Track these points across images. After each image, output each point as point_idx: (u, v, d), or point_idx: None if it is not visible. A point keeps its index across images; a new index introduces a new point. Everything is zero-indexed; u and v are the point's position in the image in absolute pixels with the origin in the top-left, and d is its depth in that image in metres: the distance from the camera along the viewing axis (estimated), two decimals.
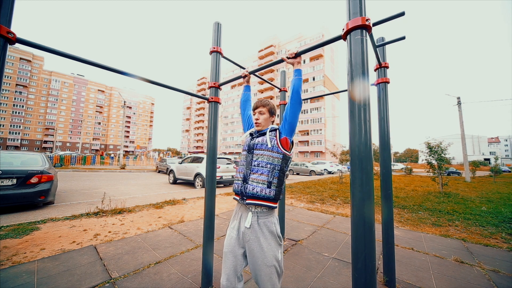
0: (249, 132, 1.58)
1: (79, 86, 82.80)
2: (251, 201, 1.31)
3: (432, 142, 8.37)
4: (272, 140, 1.37)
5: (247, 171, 1.37)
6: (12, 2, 1.10)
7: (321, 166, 23.77)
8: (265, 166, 1.32)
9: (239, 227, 1.36)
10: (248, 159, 1.40)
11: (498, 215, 4.92)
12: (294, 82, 1.39)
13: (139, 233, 3.42)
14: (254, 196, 1.30)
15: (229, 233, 1.40)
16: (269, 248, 1.26)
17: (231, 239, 1.36)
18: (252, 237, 1.29)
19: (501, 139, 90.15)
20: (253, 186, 1.31)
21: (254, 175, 1.33)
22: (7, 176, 4.21)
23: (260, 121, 1.48)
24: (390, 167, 2.16)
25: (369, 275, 0.96)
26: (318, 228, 3.90)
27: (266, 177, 1.30)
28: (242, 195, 1.35)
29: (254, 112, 1.54)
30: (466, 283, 2.21)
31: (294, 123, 1.37)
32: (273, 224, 1.32)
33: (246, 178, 1.36)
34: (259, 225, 1.30)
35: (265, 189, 1.29)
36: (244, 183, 1.36)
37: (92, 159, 22.39)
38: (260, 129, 1.49)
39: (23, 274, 2.14)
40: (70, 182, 9.72)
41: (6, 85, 64.70)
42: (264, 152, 1.35)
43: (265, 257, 1.25)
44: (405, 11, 1.48)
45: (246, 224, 1.30)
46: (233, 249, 1.34)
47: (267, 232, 1.29)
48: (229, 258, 1.33)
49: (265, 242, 1.27)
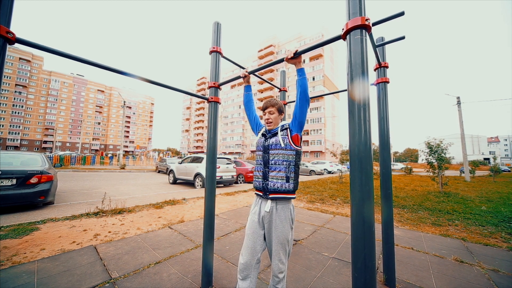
0: (261, 133, 1.69)
1: (78, 86, 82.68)
2: (273, 195, 1.47)
3: (432, 142, 8.34)
4: (284, 140, 1.50)
5: (266, 170, 1.52)
6: (12, 2, 1.10)
7: (321, 166, 23.76)
8: (281, 164, 1.48)
9: (259, 212, 1.54)
10: (265, 158, 1.55)
11: (498, 214, 4.93)
12: (300, 82, 1.48)
13: (139, 233, 3.41)
14: (276, 191, 1.46)
15: (250, 217, 1.58)
16: (282, 230, 1.45)
17: (252, 222, 1.54)
18: (271, 219, 1.48)
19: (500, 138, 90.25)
20: (273, 182, 1.47)
21: (273, 172, 1.49)
22: (7, 176, 4.20)
23: (271, 120, 1.60)
24: (390, 166, 2.16)
25: (369, 274, 0.96)
26: (318, 228, 3.90)
27: (284, 173, 1.47)
28: (265, 191, 1.50)
29: (264, 112, 1.63)
30: (465, 283, 2.21)
31: (304, 120, 1.51)
32: (288, 210, 1.49)
33: (266, 175, 1.51)
34: (277, 210, 1.47)
35: (285, 184, 1.46)
36: (264, 180, 1.51)
37: (92, 159, 22.37)
38: (272, 128, 1.60)
39: (23, 274, 2.13)
40: (70, 182, 9.71)
41: (5, 85, 64.60)
42: (279, 151, 1.50)
43: (278, 236, 1.45)
44: (404, 11, 1.48)
45: (266, 209, 1.48)
46: (254, 230, 1.52)
47: (283, 216, 1.47)
48: (250, 239, 1.51)
49: (280, 224, 1.45)
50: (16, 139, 68.58)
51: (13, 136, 68.18)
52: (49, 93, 75.40)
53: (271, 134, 1.59)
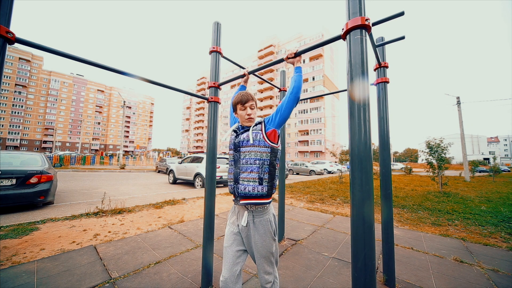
0: (232, 129, 1.50)
1: (78, 86, 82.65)
2: (244, 201, 1.30)
3: (432, 142, 8.33)
4: (257, 135, 1.33)
5: (237, 171, 1.35)
6: (11, 1, 1.10)
7: (321, 166, 23.75)
8: (253, 163, 1.29)
9: (237, 224, 1.39)
10: (236, 158, 1.38)
11: (498, 214, 4.93)
12: (296, 79, 1.38)
13: (139, 233, 3.41)
14: (247, 195, 1.28)
15: (228, 228, 1.43)
16: (263, 245, 1.31)
17: (231, 234, 1.39)
18: (249, 234, 1.34)
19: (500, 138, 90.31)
20: (244, 185, 1.29)
21: (244, 173, 1.31)
22: (7, 176, 4.20)
23: (253, 116, 1.42)
24: (390, 166, 2.16)
25: (369, 274, 0.96)
26: (318, 228, 3.90)
27: (257, 174, 1.28)
28: (236, 196, 1.34)
29: (244, 106, 1.42)
30: (465, 283, 2.22)
31: (287, 117, 1.36)
32: (268, 222, 1.33)
33: (237, 178, 1.34)
34: (255, 224, 1.32)
35: (257, 187, 1.27)
36: (235, 183, 1.34)
37: (92, 159, 22.36)
38: (251, 124, 1.42)
39: (23, 274, 2.13)
40: (70, 182, 9.71)
41: (5, 85, 64.53)
42: (250, 148, 1.32)
43: (259, 251, 1.32)
44: (404, 11, 1.48)
45: (243, 223, 1.33)
46: (232, 243, 1.37)
47: (262, 231, 1.31)
48: (228, 253, 1.36)
49: (259, 239, 1.31)
50: (16, 139, 68.55)
51: (13, 136, 68.15)
52: (49, 93, 75.37)
53: (243, 130, 1.41)
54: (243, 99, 1.41)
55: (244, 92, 1.46)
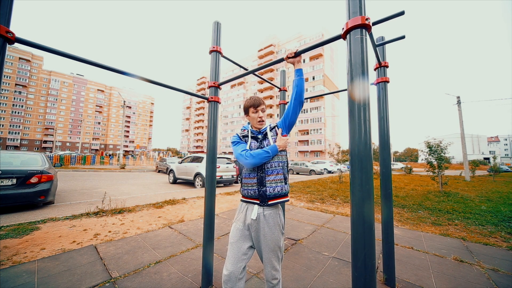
0: (250, 137, 1.53)
1: (78, 86, 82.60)
2: (273, 201, 1.38)
3: (432, 141, 8.34)
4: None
5: (262, 175, 1.41)
6: (11, 1, 1.10)
7: (321, 166, 23.77)
8: (278, 166, 1.43)
9: (245, 220, 1.44)
10: None
11: (498, 214, 4.93)
12: (297, 83, 1.43)
13: (139, 233, 3.42)
14: (276, 195, 1.38)
15: (234, 225, 1.48)
16: (272, 237, 1.37)
17: (237, 230, 1.44)
18: (258, 227, 1.39)
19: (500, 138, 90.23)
20: (272, 187, 1.38)
21: (271, 176, 1.40)
22: (7, 176, 4.20)
23: (264, 119, 1.54)
24: (390, 166, 2.16)
25: (369, 274, 0.96)
26: (318, 228, 3.91)
27: (282, 175, 1.42)
28: (263, 198, 1.39)
29: (256, 109, 1.51)
30: (465, 282, 2.22)
31: (294, 121, 1.49)
32: (277, 215, 1.42)
33: (263, 181, 1.40)
34: (265, 216, 1.39)
35: (284, 186, 1.41)
36: (261, 186, 1.40)
37: (92, 159, 22.37)
38: (262, 127, 1.54)
39: (24, 274, 2.14)
40: (70, 182, 9.71)
41: (5, 85, 64.56)
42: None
43: (268, 244, 1.38)
44: (404, 11, 1.48)
45: (253, 216, 1.39)
46: (239, 239, 1.42)
47: (272, 223, 1.39)
48: (234, 248, 1.40)
49: (269, 231, 1.37)
50: (16, 139, 68.56)
51: (13, 136, 68.16)
52: (49, 93, 75.34)
53: (259, 134, 1.52)
54: (255, 103, 1.51)
55: (256, 96, 1.57)
